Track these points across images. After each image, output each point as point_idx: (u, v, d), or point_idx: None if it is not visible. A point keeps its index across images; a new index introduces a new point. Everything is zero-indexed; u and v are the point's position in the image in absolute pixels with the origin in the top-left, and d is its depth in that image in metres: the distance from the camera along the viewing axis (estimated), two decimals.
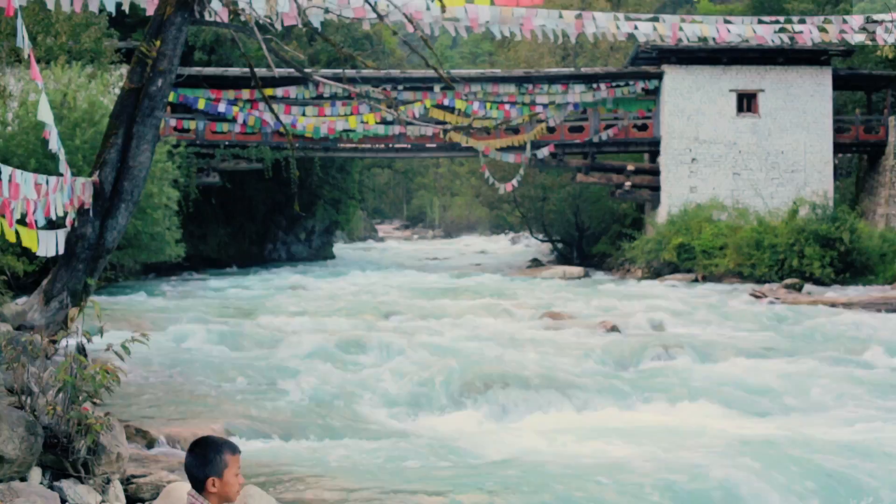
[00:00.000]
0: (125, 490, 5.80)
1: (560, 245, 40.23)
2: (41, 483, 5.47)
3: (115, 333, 8.52)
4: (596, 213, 37.03)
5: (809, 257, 25.07)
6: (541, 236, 41.45)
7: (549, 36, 17.48)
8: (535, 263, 36.85)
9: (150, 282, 25.54)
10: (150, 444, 7.36)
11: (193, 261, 29.74)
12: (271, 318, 16.31)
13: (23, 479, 5.34)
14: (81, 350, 5.70)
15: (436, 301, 19.86)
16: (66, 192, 10.25)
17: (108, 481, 5.69)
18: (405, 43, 13.46)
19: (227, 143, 29.93)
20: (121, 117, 11.33)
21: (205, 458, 3.36)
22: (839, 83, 31.18)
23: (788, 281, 23.89)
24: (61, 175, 10.15)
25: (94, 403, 5.75)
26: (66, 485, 5.46)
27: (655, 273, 28.37)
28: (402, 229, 78.01)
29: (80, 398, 5.49)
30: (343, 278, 27.06)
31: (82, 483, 5.54)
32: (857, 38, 19.67)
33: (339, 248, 46.36)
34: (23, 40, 8.66)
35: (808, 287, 23.51)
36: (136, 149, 11.26)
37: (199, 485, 3.35)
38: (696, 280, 26.68)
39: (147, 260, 23.01)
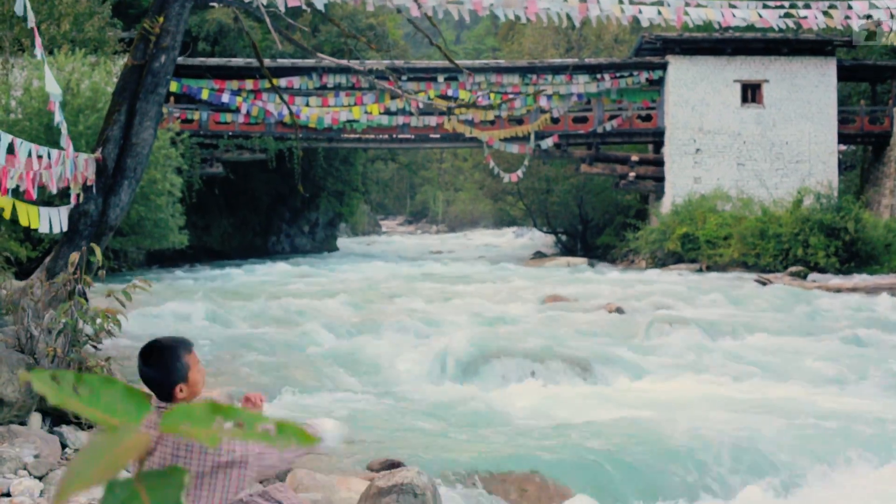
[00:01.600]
0: None
1: (564, 237, 40.16)
2: (41, 428, 5.42)
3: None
4: (600, 204, 36.98)
5: (814, 247, 24.93)
6: (545, 228, 41.42)
7: (554, 19, 17.39)
8: (539, 255, 36.82)
9: (154, 272, 25.51)
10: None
11: (197, 252, 29.75)
12: (279, 299, 16.28)
13: (22, 424, 5.29)
14: (82, 293, 5.66)
15: (441, 287, 19.82)
16: (69, 166, 10.21)
17: None
18: (409, 21, 13.42)
19: (230, 133, 29.90)
20: (123, 94, 11.29)
21: (166, 368, 3.20)
22: (844, 74, 31.06)
23: (793, 269, 23.79)
24: (63, 149, 10.10)
25: (95, 348, 5.70)
26: (67, 430, 5.40)
27: (660, 263, 28.31)
28: (405, 224, 78.03)
29: (81, 341, 5.43)
30: (349, 267, 27.04)
31: (83, 430, 5.49)
32: (861, 24, 19.53)
33: (343, 241, 46.36)
34: (24, 9, 8.61)
35: (812, 276, 23.40)
36: (138, 125, 11.22)
37: (165, 394, 3.24)
38: (700, 270, 26.61)
39: (150, 247, 22.96)
